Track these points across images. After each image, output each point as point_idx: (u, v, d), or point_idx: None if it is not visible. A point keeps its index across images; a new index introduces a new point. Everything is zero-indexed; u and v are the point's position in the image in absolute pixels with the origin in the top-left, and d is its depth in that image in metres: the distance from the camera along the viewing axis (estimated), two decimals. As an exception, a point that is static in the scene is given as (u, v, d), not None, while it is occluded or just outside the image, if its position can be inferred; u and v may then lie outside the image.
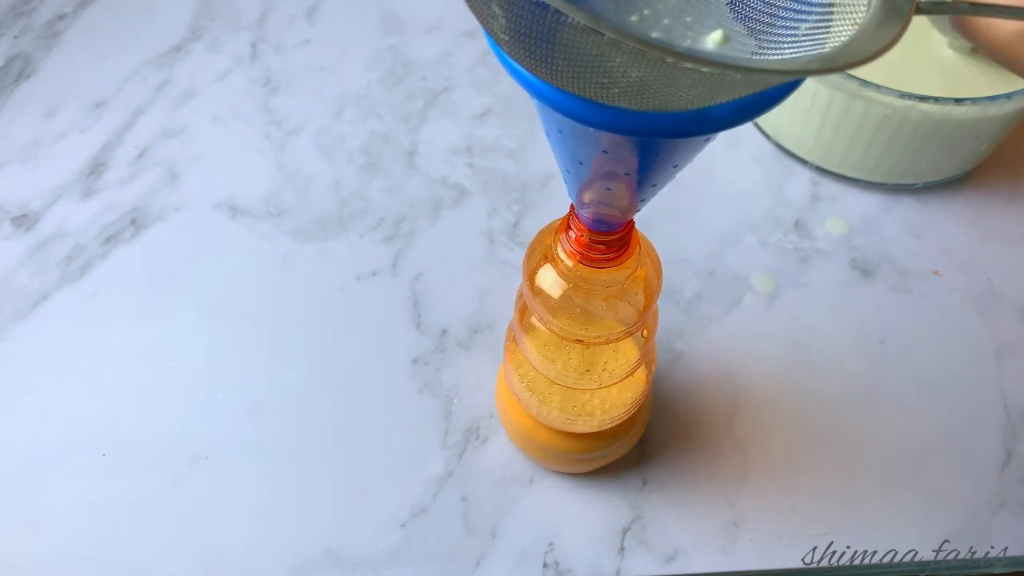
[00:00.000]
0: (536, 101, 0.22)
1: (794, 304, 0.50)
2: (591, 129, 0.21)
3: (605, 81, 0.18)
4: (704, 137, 0.22)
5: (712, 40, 0.22)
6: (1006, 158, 0.56)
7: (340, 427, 0.45)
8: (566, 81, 0.19)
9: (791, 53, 0.20)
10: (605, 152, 0.23)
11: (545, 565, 0.42)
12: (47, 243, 0.52)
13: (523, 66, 0.20)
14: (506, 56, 0.20)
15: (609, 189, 0.26)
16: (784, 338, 0.48)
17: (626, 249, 0.32)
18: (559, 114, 0.20)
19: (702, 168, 0.54)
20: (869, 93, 0.47)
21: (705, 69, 0.16)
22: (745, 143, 0.56)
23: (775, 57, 0.21)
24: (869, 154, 0.51)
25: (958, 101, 0.46)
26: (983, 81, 0.49)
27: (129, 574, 0.41)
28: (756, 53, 0.21)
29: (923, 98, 0.46)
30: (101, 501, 0.43)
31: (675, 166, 0.24)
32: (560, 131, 0.23)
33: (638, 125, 0.19)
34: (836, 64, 0.17)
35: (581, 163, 0.24)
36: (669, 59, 0.16)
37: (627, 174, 0.24)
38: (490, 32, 0.19)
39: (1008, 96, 0.46)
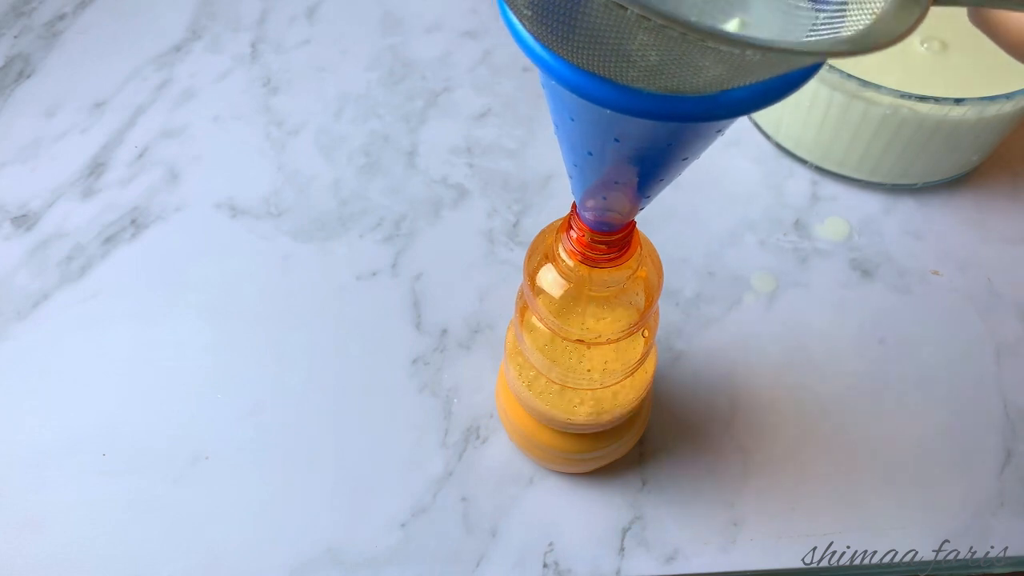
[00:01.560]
0: (552, 86, 0.22)
1: (794, 304, 0.50)
2: (605, 116, 0.21)
3: (626, 60, 0.18)
4: (716, 128, 0.22)
5: (730, 27, 0.22)
6: (1006, 158, 0.56)
7: (340, 427, 0.45)
8: (587, 59, 0.19)
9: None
10: (617, 141, 0.22)
11: (545, 565, 0.42)
12: (47, 243, 0.52)
13: (543, 43, 0.20)
14: (524, 38, 0.20)
15: (616, 183, 0.26)
16: (784, 338, 0.48)
17: (627, 249, 0.32)
18: (575, 96, 0.20)
19: (702, 168, 0.53)
20: (869, 93, 0.47)
21: (724, 48, 0.16)
22: (745, 143, 0.56)
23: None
24: (869, 154, 0.51)
25: (958, 101, 0.46)
26: (948, 78, 0.50)
27: (129, 574, 0.41)
28: None
29: (923, 98, 0.46)
30: (101, 501, 0.43)
31: (685, 159, 0.24)
32: (572, 119, 0.23)
33: (656, 107, 0.19)
34: (862, 46, 0.17)
35: (591, 154, 0.24)
36: (691, 36, 0.16)
37: (636, 166, 0.24)
38: (512, 7, 0.19)
39: (1008, 96, 0.46)
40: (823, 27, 0.20)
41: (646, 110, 0.19)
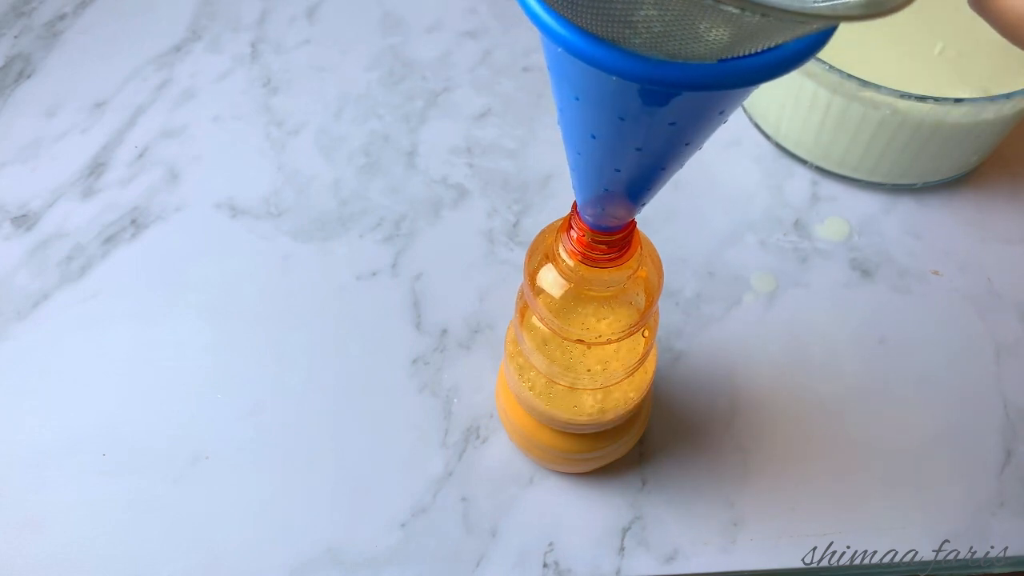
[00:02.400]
0: (557, 63, 0.22)
1: (794, 304, 0.50)
2: (609, 92, 0.21)
3: (631, 23, 0.18)
4: (719, 108, 0.22)
5: None
6: (1006, 158, 0.56)
7: (340, 427, 0.45)
8: (591, 20, 0.19)
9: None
10: (621, 120, 0.23)
11: (545, 565, 0.42)
12: (47, 243, 0.52)
13: (549, 5, 0.20)
14: (530, 3, 0.20)
15: (618, 171, 0.26)
16: (784, 338, 0.48)
17: (627, 249, 0.32)
18: (581, 66, 0.20)
19: (702, 168, 0.54)
20: (869, 93, 0.47)
21: (726, 8, 0.16)
22: (745, 143, 0.56)
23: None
24: (869, 154, 0.51)
25: (958, 101, 0.46)
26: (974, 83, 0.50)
27: (129, 574, 0.41)
28: None
29: (923, 98, 0.46)
30: (101, 501, 0.43)
31: (687, 143, 0.24)
32: (577, 98, 0.23)
33: (662, 73, 0.20)
34: (874, 10, 0.17)
35: (594, 137, 0.24)
36: None
37: (639, 150, 0.24)
38: None
39: (1008, 96, 0.46)
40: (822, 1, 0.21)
41: (652, 76, 0.20)
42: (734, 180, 0.55)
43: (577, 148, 0.25)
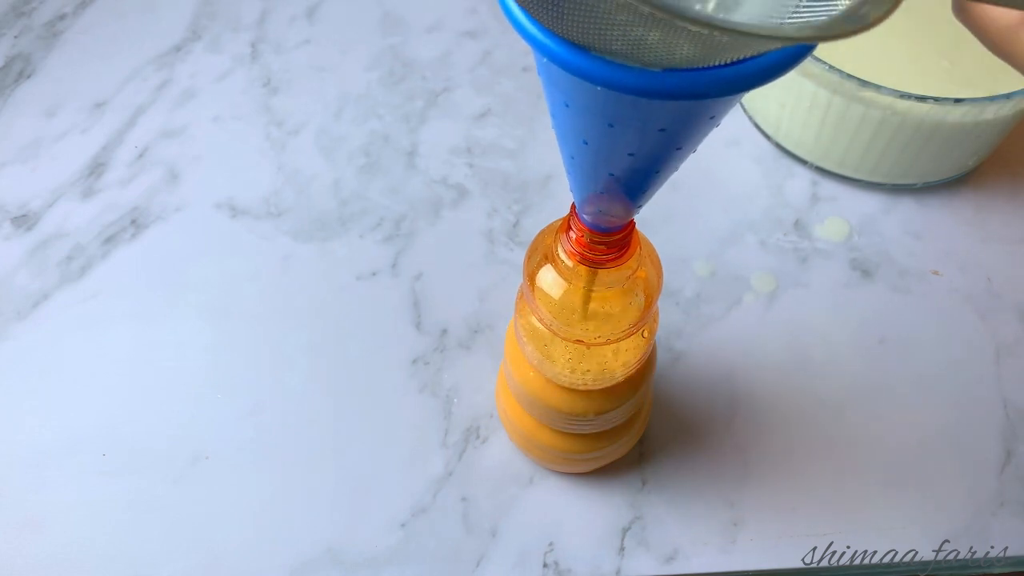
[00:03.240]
0: (547, 71, 0.22)
1: (794, 304, 0.50)
2: (598, 99, 0.21)
3: (610, 29, 0.19)
4: (709, 113, 0.22)
5: (709, 6, 0.22)
6: (1006, 158, 0.56)
7: (340, 427, 0.45)
8: (570, 26, 0.19)
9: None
10: (611, 126, 0.23)
11: (545, 565, 0.42)
12: (47, 243, 0.52)
13: (534, 17, 0.20)
14: (515, 14, 0.20)
15: (612, 175, 0.26)
16: (784, 338, 0.48)
17: (627, 249, 0.32)
18: (566, 74, 0.20)
19: (702, 168, 0.54)
20: (869, 94, 0.47)
21: (692, 27, 0.16)
22: (745, 143, 0.56)
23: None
24: (869, 154, 0.51)
25: (958, 101, 0.46)
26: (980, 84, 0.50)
27: (129, 574, 0.41)
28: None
29: (923, 98, 0.46)
30: (101, 501, 0.43)
31: (679, 148, 0.24)
32: (567, 105, 0.23)
33: (641, 81, 0.20)
34: (828, 33, 0.17)
35: (586, 143, 0.24)
36: (659, 15, 0.16)
37: (631, 156, 0.24)
38: None
39: (1008, 96, 0.46)
40: (804, 11, 0.20)
41: (634, 85, 0.20)
42: (734, 180, 0.55)
43: (571, 153, 0.26)
